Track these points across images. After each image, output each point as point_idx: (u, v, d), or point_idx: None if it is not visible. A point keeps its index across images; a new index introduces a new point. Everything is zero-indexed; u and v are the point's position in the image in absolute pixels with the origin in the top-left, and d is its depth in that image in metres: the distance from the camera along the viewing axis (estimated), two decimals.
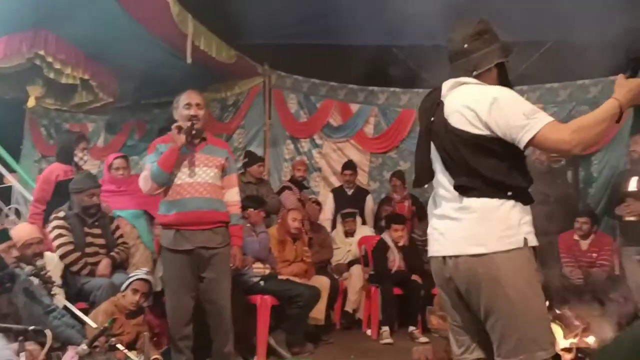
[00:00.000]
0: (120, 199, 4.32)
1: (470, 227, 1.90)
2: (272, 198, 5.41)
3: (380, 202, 6.24)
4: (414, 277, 5.17)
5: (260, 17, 5.60)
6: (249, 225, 4.37)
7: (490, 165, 1.89)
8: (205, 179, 3.30)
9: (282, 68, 6.88)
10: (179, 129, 3.24)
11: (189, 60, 5.01)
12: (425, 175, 2.10)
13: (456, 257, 1.93)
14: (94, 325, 3.25)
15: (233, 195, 3.49)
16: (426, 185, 2.17)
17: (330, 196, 6.23)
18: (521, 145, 1.84)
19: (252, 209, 4.44)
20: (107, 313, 3.39)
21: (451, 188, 1.96)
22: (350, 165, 6.29)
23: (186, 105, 3.29)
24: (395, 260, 5.25)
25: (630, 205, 4.04)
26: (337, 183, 6.70)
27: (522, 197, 1.91)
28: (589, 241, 4.87)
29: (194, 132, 3.26)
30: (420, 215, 5.93)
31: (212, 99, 6.81)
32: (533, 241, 1.90)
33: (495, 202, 1.88)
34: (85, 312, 3.48)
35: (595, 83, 5.99)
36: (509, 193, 1.88)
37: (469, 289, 1.92)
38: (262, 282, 4.22)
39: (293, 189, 5.77)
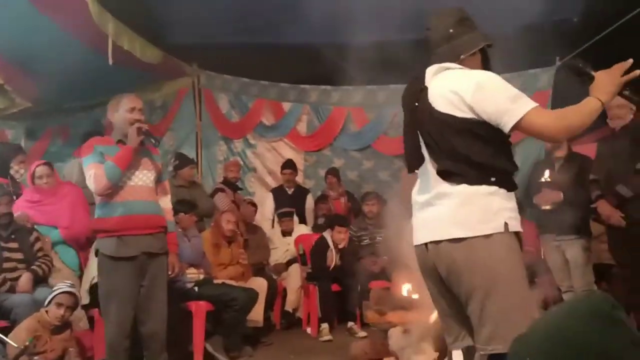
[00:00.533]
0: (46, 209, 4.09)
1: (450, 212, 1.89)
2: (206, 201, 5.31)
3: (317, 200, 6.26)
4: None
5: (187, 16, 5.48)
6: (180, 230, 4.27)
7: (475, 149, 1.87)
8: (146, 182, 3.24)
9: (211, 68, 6.76)
10: (139, 130, 3.19)
11: (110, 61, 4.83)
12: (416, 160, 2.06)
13: (437, 242, 1.91)
14: (14, 344, 3.08)
15: (167, 203, 3.44)
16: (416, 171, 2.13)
17: (270, 196, 6.18)
18: (506, 130, 1.84)
19: (183, 214, 4.34)
20: (29, 330, 3.22)
21: (434, 175, 1.95)
22: (289, 165, 6.28)
23: (130, 109, 3.24)
24: (334, 259, 5.27)
25: (546, 194, 4.22)
26: (273, 183, 6.67)
27: (506, 183, 1.90)
28: None
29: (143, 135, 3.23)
30: (355, 211, 6.00)
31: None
32: (515, 227, 1.88)
33: (476, 188, 1.87)
34: (6, 330, 3.30)
35: (516, 76, 6.23)
36: (493, 179, 1.87)
37: (449, 275, 1.90)
38: (196, 288, 4.13)
39: (226, 190, 5.68)
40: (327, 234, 5.34)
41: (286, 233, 5.83)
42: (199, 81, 6.74)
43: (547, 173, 4.27)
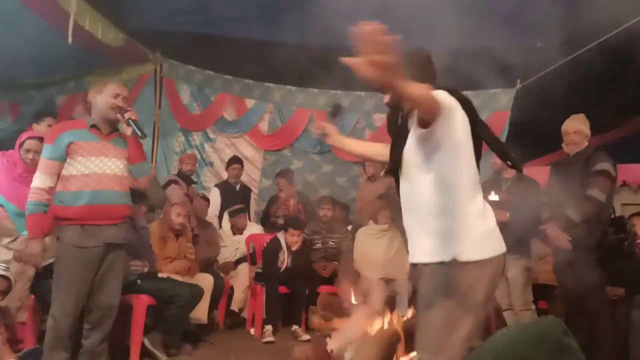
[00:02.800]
0: (11, 185, 3.79)
1: None
2: (157, 192, 5.16)
3: (270, 200, 6.20)
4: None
5: (154, 1, 5.34)
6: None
7: None
8: (115, 170, 3.14)
9: (175, 57, 6.61)
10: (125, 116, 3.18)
11: (70, 40, 4.65)
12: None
13: None
14: None
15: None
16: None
17: (216, 191, 6.05)
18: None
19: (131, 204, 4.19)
20: None
21: None
22: (238, 160, 6.19)
23: (115, 95, 3.18)
24: (285, 261, 5.21)
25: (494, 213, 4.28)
26: None
27: None
28: None
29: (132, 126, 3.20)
30: (308, 214, 5.96)
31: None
32: None
33: None
34: None
35: (476, 95, 6.34)
36: None
37: None
38: (138, 281, 4.00)
39: (180, 183, 5.55)
40: (280, 236, 5.28)
41: (238, 231, 5.73)
42: (161, 69, 6.58)
43: (495, 193, 4.34)
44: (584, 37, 5.29)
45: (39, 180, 3.04)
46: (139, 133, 3.20)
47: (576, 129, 3.97)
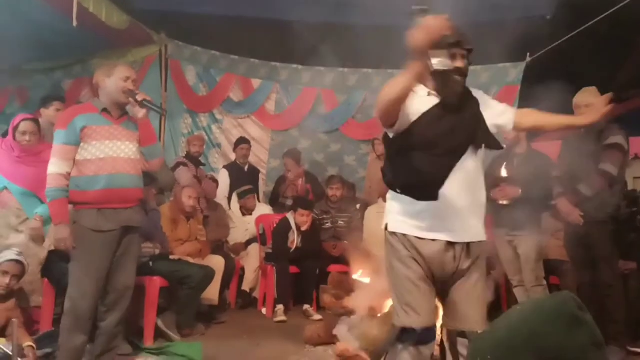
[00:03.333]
0: (13, 167, 3.78)
1: None
2: (166, 174, 5.16)
3: (278, 181, 6.19)
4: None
5: None
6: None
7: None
8: (129, 154, 3.12)
9: (180, 38, 6.56)
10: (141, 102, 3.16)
11: (74, 23, 4.62)
12: None
13: None
14: None
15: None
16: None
17: (225, 173, 6.04)
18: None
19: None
20: None
21: None
22: (246, 140, 6.18)
23: (125, 78, 3.12)
24: (295, 241, 5.23)
25: (504, 189, 4.26)
26: None
27: (410, 192, 2.13)
28: None
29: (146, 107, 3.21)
30: (317, 193, 5.95)
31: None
32: (393, 227, 2.21)
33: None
34: None
35: (486, 69, 6.27)
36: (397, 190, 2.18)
37: None
38: (151, 263, 4.03)
39: (189, 165, 5.56)
40: (290, 216, 5.28)
41: (247, 212, 5.75)
42: (166, 50, 6.54)
43: (506, 169, 4.30)
44: (593, 8, 5.19)
45: (56, 167, 3.02)
46: (159, 111, 3.38)
47: (588, 102, 3.90)
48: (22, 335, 3.11)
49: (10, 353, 2.84)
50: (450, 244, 2.12)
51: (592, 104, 3.91)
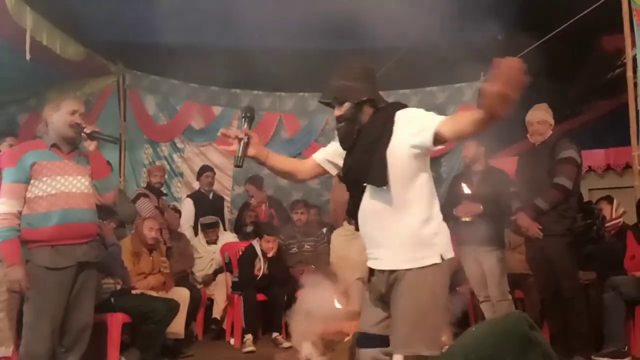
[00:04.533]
0: None
1: None
2: (127, 207, 5.07)
3: (242, 207, 6.15)
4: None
5: (112, 13, 5.26)
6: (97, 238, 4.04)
7: None
8: (81, 188, 3.06)
9: (138, 67, 6.51)
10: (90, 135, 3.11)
11: (27, 56, 4.56)
12: None
13: None
14: None
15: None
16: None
17: (189, 202, 5.95)
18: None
19: (100, 220, 4.10)
20: None
21: None
22: (210, 168, 6.13)
23: (72, 112, 3.07)
24: (262, 268, 5.17)
25: (466, 206, 4.33)
26: None
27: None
28: None
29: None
30: (282, 219, 5.92)
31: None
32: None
33: None
34: None
35: (442, 90, 6.42)
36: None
37: None
38: (112, 299, 3.92)
39: (150, 196, 5.46)
40: (255, 243, 5.23)
41: (211, 242, 5.67)
42: (124, 81, 6.47)
43: (467, 186, 4.38)
44: (544, 26, 5.39)
45: (6, 206, 2.93)
46: (112, 140, 3.30)
47: (540, 119, 4.03)
48: None
49: None
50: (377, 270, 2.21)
51: (544, 120, 4.04)
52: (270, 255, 5.14)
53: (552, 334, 4.01)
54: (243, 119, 2.31)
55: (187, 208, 5.85)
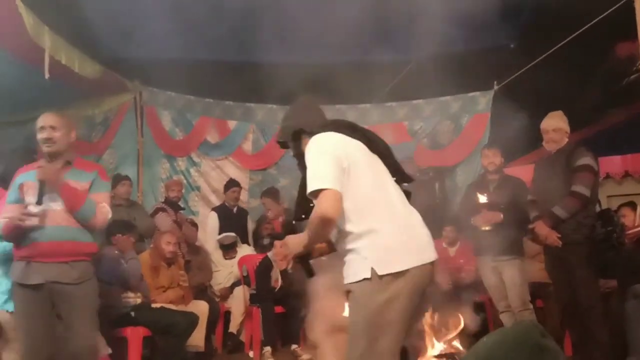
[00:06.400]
0: None
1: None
2: (145, 221, 5.13)
3: (259, 221, 6.18)
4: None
5: (128, 31, 5.34)
6: (117, 252, 4.10)
7: None
8: (63, 206, 3.01)
9: (153, 84, 6.60)
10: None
11: (46, 75, 4.64)
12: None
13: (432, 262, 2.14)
14: None
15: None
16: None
17: (214, 215, 5.99)
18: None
19: (120, 235, 4.17)
20: None
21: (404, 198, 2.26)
22: (236, 183, 6.19)
23: (40, 129, 3.08)
24: (279, 280, 5.19)
25: (486, 215, 4.32)
26: (217, 202, 6.52)
27: None
28: (456, 248, 5.16)
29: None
30: (299, 229, 5.92)
31: (77, 117, 6.37)
32: None
33: None
34: None
35: (456, 99, 6.42)
36: None
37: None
38: (132, 313, 3.96)
39: (168, 210, 5.52)
40: (271, 254, 5.25)
41: (229, 258, 5.69)
42: (140, 97, 6.56)
43: (484, 195, 4.36)
44: (555, 35, 5.38)
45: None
46: (43, 194, 2.96)
47: (555, 126, 4.02)
48: None
49: None
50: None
51: (559, 128, 4.02)
52: (281, 262, 5.12)
53: (574, 344, 3.97)
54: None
55: (212, 221, 5.91)
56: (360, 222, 2.07)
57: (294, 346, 4.94)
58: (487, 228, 4.32)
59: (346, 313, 3.88)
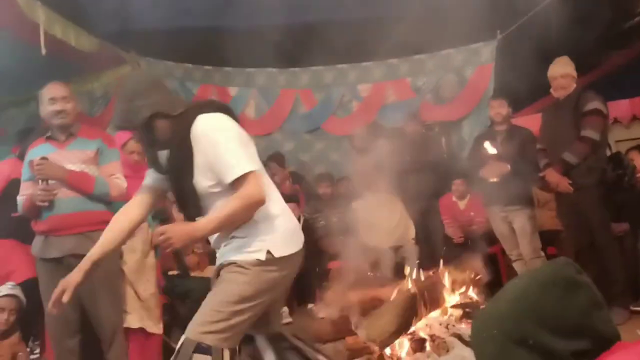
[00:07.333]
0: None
1: None
2: None
3: None
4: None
5: (121, 1, 5.25)
6: None
7: None
8: None
9: (151, 54, 6.52)
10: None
11: (43, 51, 4.58)
12: None
13: None
14: None
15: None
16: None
17: None
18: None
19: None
20: None
21: None
22: None
23: (50, 101, 2.99)
24: None
25: (493, 167, 4.31)
26: None
27: None
28: (466, 201, 5.17)
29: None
30: (305, 192, 5.95)
31: (77, 92, 6.31)
32: None
33: None
34: None
35: (458, 52, 6.33)
36: None
37: None
38: None
39: None
40: None
41: None
42: (139, 68, 6.48)
43: (492, 146, 4.34)
44: None
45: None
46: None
47: (563, 72, 3.97)
48: None
49: None
50: None
51: (567, 73, 3.97)
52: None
53: None
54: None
55: None
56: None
57: (310, 305, 5.01)
58: (495, 179, 4.31)
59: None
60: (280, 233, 2.10)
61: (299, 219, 5.25)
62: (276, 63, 6.63)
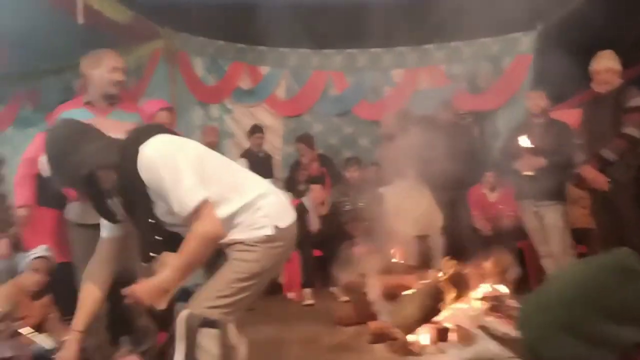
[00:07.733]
0: None
1: None
2: None
3: (293, 166, 6.18)
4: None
5: None
6: None
7: None
8: None
9: (185, 29, 6.51)
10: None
11: (80, 20, 4.60)
12: None
13: None
14: None
15: None
16: None
17: (244, 162, 6.01)
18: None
19: None
20: (8, 296, 3.10)
21: None
22: (259, 128, 6.18)
23: (112, 69, 2.98)
24: (316, 223, 5.23)
25: (529, 160, 4.22)
26: None
27: None
28: (497, 194, 5.10)
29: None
30: (333, 176, 5.93)
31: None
32: None
33: None
34: None
35: (496, 41, 6.20)
36: None
37: None
38: None
39: None
40: (305, 199, 5.30)
41: None
42: (172, 44, 6.49)
43: (528, 139, 4.26)
44: None
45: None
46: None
47: (607, 67, 3.86)
48: (62, 330, 3.13)
49: (50, 347, 2.87)
50: None
51: (611, 68, 3.86)
52: (320, 202, 5.18)
53: None
54: None
55: (243, 166, 5.91)
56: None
57: (333, 288, 5.02)
58: (529, 173, 4.24)
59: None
60: (278, 206, 2.16)
61: (323, 203, 5.28)
62: (309, 44, 6.58)
